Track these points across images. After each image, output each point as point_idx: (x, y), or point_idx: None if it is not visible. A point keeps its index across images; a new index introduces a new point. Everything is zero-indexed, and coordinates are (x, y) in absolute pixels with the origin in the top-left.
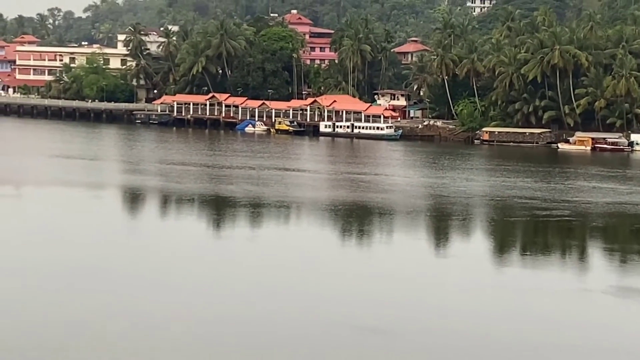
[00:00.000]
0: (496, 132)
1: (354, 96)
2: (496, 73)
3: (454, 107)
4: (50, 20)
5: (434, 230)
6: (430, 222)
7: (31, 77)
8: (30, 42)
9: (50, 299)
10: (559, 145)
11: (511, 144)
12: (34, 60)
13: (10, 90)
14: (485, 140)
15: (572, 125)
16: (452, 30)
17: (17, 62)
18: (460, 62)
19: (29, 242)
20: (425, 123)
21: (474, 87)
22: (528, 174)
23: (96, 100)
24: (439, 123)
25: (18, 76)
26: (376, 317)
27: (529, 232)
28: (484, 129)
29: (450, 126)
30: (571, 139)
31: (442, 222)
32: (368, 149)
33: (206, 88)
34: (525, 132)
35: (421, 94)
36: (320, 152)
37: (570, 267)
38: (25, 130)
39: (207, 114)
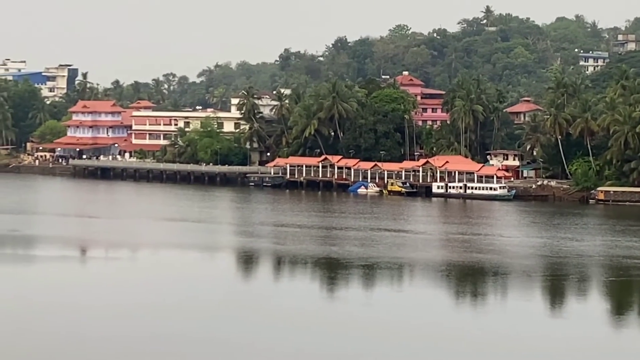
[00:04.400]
0: (612, 192)
1: (466, 156)
2: (611, 132)
3: (568, 166)
4: (166, 86)
5: (548, 291)
6: (544, 283)
7: (147, 141)
8: (145, 107)
9: None
10: None
11: (627, 203)
12: (149, 125)
13: (127, 154)
14: (601, 200)
15: None
16: (565, 89)
17: (133, 127)
18: (573, 121)
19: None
20: (538, 183)
21: (588, 146)
22: None
23: (210, 164)
24: (552, 183)
25: (134, 141)
26: None
27: None
28: (599, 189)
29: (565, 186)
30: None
31: (556, 282)
32: (481, 210)
33: (319, 150)
34: None
35: (534, 153)
36: (433, 212)
37: None
38: (142, 194)
39: (320, 175)
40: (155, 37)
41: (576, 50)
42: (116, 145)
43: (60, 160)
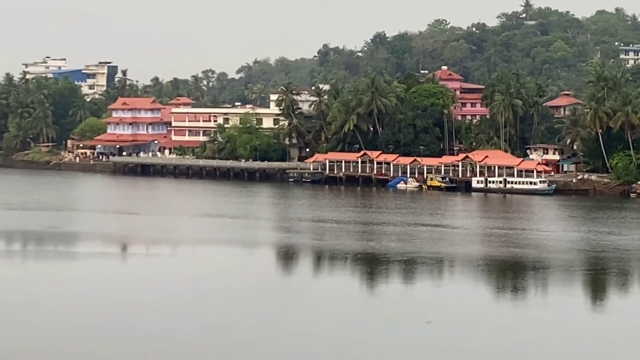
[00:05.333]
0: None
1: (506, 151)
2: None
3: (608, 160)
4: (205, 82)
5: (588, 286)
6: (586, 278)
7: (186, 138)
8: (185, 104)
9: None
10: None
11: None
12: (189, 121)
13: (167, 151)
14: None
15: None
16: (606, 82)
17: (173, 124)
18: (614, 114)
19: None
20: (579, 177)
21: (629, 139)
22: None
23: (250, 160)
24: (593, 177)
25: (174, 137)
26: None
27: None
28: None
29: (605, 180)
30: None
31: (596, 277)
32: (521, 204)
33: (358, 145)
34: None
35: (574, 147)
36: (473, 207)
37: None
38: (181, 191)
39: (359, 171)
40: (194, 33)
41: (616, 43)
42: (156, 142)
43: (100, 157)
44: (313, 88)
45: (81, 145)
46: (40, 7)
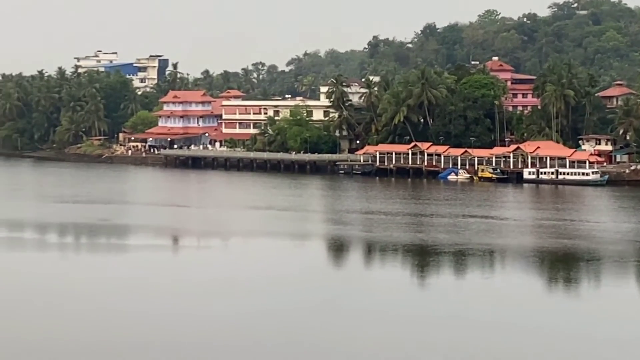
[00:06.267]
0: None
1: (557, 142)
2: None
3: None
4: (255, 75)
5: None
6: (638, 269)
7: (237, 130)
8: (235, 97)
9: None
10: None
11: None
12: (239, 114)
13: (217, 144)
14: None
15: None
16: None
17: (224, 117)
18: None
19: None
20: (632, 168)
21: None
22: None
23: (300, 152)
24: None
25: (224, 130)
26: None
27: None
28: None
29: None
30: None
31: None
32: (573, 195)
33: (408, 137)
34: None
35: (627, 138)
36: (524, 199)
37: None
38: (232, 183)
39: (410, 163)
40: (244, 26)
41: None
42: (207, 134)
43: (152, 150)
44: (363, 80)
45: (133, 138)
46: (92, 1)
